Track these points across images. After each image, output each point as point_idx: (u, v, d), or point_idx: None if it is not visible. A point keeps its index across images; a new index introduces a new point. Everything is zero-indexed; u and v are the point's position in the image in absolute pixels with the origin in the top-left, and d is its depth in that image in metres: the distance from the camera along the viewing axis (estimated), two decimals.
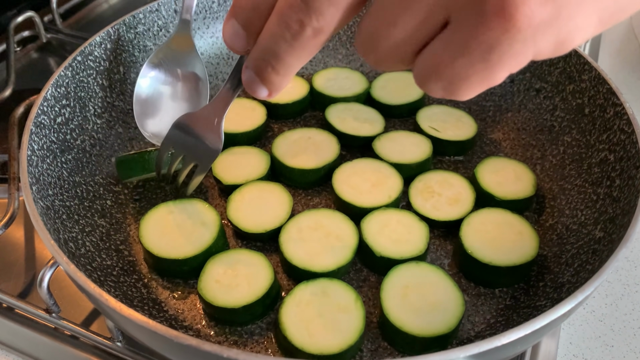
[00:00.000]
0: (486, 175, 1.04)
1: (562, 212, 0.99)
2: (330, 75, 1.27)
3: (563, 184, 1.03)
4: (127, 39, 1.14)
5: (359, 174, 1.04)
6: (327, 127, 1.15)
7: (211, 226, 0.94)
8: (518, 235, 0.93)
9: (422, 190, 1.02)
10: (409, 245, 0.92)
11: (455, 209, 0.99)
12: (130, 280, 0.91)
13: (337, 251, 0.91)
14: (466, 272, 0.93)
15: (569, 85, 1.07)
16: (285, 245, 0.91)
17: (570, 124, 1.06)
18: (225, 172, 1.04)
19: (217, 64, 1.30)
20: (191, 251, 0.90)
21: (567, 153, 1.05)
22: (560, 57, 1.08)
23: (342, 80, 1.26)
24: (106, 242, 0.95)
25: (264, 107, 1.19)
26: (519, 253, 0.90)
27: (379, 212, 0.96)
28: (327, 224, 0.94)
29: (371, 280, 0.93)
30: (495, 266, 0.88)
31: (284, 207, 0.98)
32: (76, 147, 1.01)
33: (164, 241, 0.92)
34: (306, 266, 0.88)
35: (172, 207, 0.97)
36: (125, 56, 1.14)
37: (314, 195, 1.07)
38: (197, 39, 1.28)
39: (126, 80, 1.15)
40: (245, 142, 1.14)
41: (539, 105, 1.14)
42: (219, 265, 0.89)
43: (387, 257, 0.90)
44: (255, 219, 0.96)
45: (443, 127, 1.15)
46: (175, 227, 0.94)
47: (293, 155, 1.06)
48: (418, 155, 1.08)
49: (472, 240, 0.92)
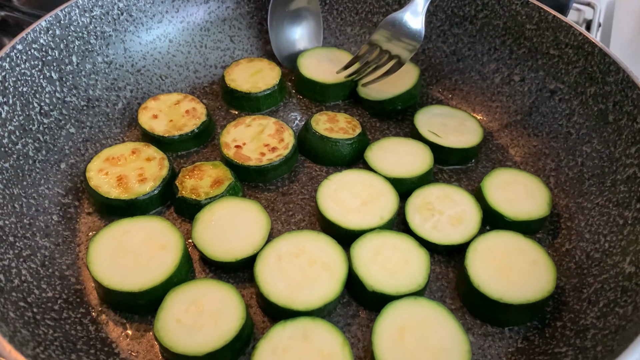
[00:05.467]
0: (494, 191, 0.91)
1: (581, 235, 0.86)
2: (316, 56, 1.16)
3: (581, 202, 0.90)
4: (81, 23, 0.98)
5: (348, 188, 0.90)
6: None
7: (173, 250, 0.79)
8: (532, 265, 0.80)
9: (421, 207, 0.89)
10: (406, 277, 0.78)
11: (459, 231, 0.86)
12: (76, 316, 0.77)
13: (323, 283, 0.77)
14: (471, 307, 0.80)
15: (590, 88, 0.93)
16: (262, 277, 0.77)
17: (590, 132, 0.93)
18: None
19: (187, 53, 1.15)
20: (148, 282, 0.76)
21: (586, 165, 0.92)
22: (580, 55, 0.94)
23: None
24: (49, 268, 0.80)
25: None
26: (533, 287, 0.77)
27: (372, 236, 0.83)
28: (311, 249, 0.81)
29: (361, 317, 0.80)
30: (506, 304, 0.75)
31: (260, 229, 0.83)
32: (16, 153, 0.85)
33: (117, 269, 0.77)
34: (286, 303, 0.74)
35: (128, 225, 0.82)
36: (79, 44, 0.98)
37: (296, 210, 0.93)
38: (165, 24, 1.12)
39: (80, 72, 0.99)
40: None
41: (554, 109, 1.00)
42: (181, 300, 0.74)
43: (381, 292, 0.76)
44: (226, 243, 0.81)
45: (444, 131, 1.01)
46: (130, 251, 0.79)
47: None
48: (417, 167, 0.94)
49: (479, 270, 0.79)
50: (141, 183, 0.90)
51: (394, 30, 0.98)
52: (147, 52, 1.10)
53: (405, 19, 0.97)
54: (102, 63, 1.03)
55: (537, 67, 1.02)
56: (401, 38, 0.98)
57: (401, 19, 0.97)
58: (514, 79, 1.06)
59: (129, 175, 0.91)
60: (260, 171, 0.94)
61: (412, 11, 0.97)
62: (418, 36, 0.97)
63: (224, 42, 1.18)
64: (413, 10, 0.97)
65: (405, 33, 0.97)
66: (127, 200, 0.88)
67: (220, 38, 1.18)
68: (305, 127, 1.01)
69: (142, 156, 0.94)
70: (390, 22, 0.98)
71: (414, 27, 0.97)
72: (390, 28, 0.98)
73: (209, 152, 1.02)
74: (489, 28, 1.08)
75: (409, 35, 0.97)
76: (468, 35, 1.11)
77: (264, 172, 0.95)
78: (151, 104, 1.03)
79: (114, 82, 1.04)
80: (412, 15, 0.97)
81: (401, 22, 0.97)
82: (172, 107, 1.03)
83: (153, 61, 1.10)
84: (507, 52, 1.07)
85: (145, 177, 0.91)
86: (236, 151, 0.96)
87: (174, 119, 1.02)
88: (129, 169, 0.92)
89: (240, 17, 1.19)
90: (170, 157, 1.00)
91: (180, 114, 1.02)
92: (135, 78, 1.08)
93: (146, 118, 1.01)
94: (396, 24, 0.97)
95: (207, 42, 1.17)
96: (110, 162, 0.92)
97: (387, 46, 1.00)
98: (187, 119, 1.02)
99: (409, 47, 0.98)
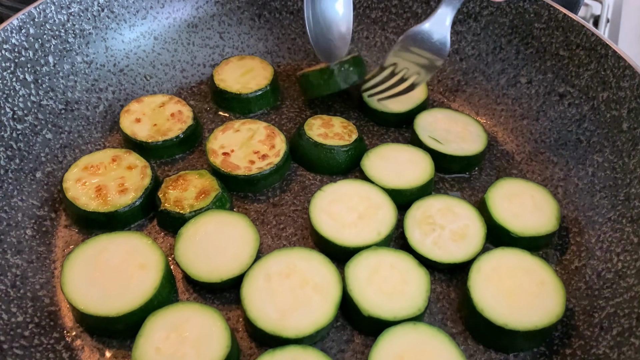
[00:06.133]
0: (499, 203, 0.85)
1: (591, 252, 0.81)
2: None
3: (592, 216, 0.84)
4: (57, 21, 0.91)
5: (343, 200, 0.84)
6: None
7: (153, 270, 0.74)
8: (539, 286, 0.75)
9: (421, 222, 0.83)
10: (405, 299, 0.73)
11: (462, 248, 0.80)
12: (48, 342, 0.71)
13: (315, 307, 0.71)
14: (474, 332, 0.75)
15: (603, 93, 0.87)
16: (249, 300, 0.71)
17: (602, 140, 0.87)
18: None
19: (174, 51, 1.08)
20: (126, 305, 0.70)
21: (597, 176, 0.86)
22: (592, 58, 0.88)
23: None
24: (20, 289, 0.74)
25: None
26: (540, 312, 0.72)
27: (368, 254, 0.77)
28: (302, 268, 0.75)
29: (356, 342, 0.74)
30: (512, 330, 0.70)
31: (248, 247, 0.78)
32: None
33: (93, 290, 0.72)
34: (275, 330, 0.69)
35: (106, 242, 0.76)
36: (56, 43, 0.92)
37: (287, 223, 0.87)
38: (149, 21, 1.05)
39: (58, 73, 0.92)
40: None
41: (563, 114, 0.94)
42: (161, 326, 0.69)
43: (377, 317, 0.71)
44: (211, 262, 0.76)
45: (446, 137, 0.95)
46: (108, 271, 0.74)
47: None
48: (416, 177, 0.88)
49: (483, 293, 0.73)
50: (122, 194, 0.84)
51: (417, 44, 0.90)
52: (131, 51, 1.03)
53: (429, 31, 0.89)
54: (82, 63, 0.96)
55: (545, 69, 0.96)
56: (425, 51, 0.90)
57: (425, 30, 0.89)
58: (520, 80, 1.00)
59: (108, 186, 0.85)
60: (249, 181, 0.88)
61: (435, 22, 0.89)
62: (442, 51, 0.89)
63: (213, 39, 1.12)
64: (437, 20, 0.89)
65: (429, 45, 0.89)
66: (107, 212, 0.82)
67: (209, 35, 1.11)
68: (298, 133, 0.95)
69: (123, 164, 0.88)
70: (412, 34, 0.90)
71: (438, 39, 0.89)
72: (413, 41, 0.90)
73: (195, 158, 0.96)
74: (494, 26, 1.01)
75: (432, 48, 0.89)
76: (472, 33, 1.05)
77: (254, 182, 0.89)
78: (134, 106, 0.97)
79: (94, 83, 0.98)
80: (436, 26, 0.89)
81: (424, 34, 0.89)
82: (156, 110, 0.97)
83: (137, 60, 1.04)
84: (513, 52, 1.00)
85: (126, 187, 0.85)
86: (224, 159, 0.90)
87: (158, 123, 0.95)
88: (109, 179, 0.86)
89: (230, 13, 1.12)
90: (154, 165, 0.94)
91: (165, 118, 0.96)
92: (117, 78, 1.01)
93: (128, 122, 0.95)
94: (419, 37, 0.89)
95: (195, 39, 1.10)
96: (88, 171, 0.86)
97: (407, 61, 0.92)
98: (172, 123, 0.95)
99: (432, 63, 0.91)
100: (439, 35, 0.89)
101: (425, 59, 0.91)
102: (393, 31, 1.12)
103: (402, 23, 1.11)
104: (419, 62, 0.91)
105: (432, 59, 0.90)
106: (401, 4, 1.09)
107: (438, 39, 0.89)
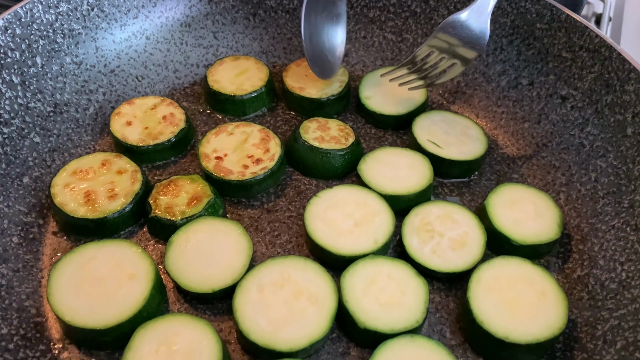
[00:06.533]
0: (499, 210, 0.82)
1: (594, 261, 0.79)
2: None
3: (595, 223, 0.82)
4: (45, 21, 0.88)
5: (339, 207, 0.81)
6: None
7: (143, 280, 0.71)
8: (541, 296, 0.72)
9: (419, 229, 0.80)
10: (402, 311, 0.70)
11: (461, 256, 0.78)
12: (34, 355, 0.69)
13: (310, 319, 0.69)
14: (474, 344, 0.73)
15: (607, 96, 0.85)
16: (241, 312, 0.69)
17: (605, 144, 0.84)
18: None
19: (166, 51, 1.05)
20: (115, 317, 0.68)
21: (600, 182, 0.83)
22: (596, 60, 0.86)
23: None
24: (5, 299, 0.72)
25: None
26: (542, 324, 0.70)
27: (365, 263, 0.75)
28: (297, 278, 0.73)
29: (352, 355, 0.72)
30: (513, 343, 0.68)
31: (240, 255, 0.75)
32: None
33: (81, 301, 0.69)
34: (268, 343, 0.67)
35: (94, 250, 0.74)
36: (44, 44, 0.89)
37: (282, 230, 0.84)
38: (141, 20, 1.02)
39: (46, 74, 0.90)
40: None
41: (565, 117, 0.91)
42: (151, 338, 0.67)
43: (374, 330, 0.68)
44: (202, 271, 0.73)
45: (445, 141, 0.92)
46: (96, 281, 0.71)
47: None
48: (415, 182, 0.85)
49: (483, 304, 0.71)
50: (111, 200, 0.82)
51: (455, 33, 0.86)
52: (122, 51, 1.00)
53: (467, 21, 0.86)
54: (71, 64, 0.94)
55: (547, 71, 0.94)
56: (462, 41, 0.86)
57: (463, 20, 0.86)
58: (521, 82, 0.97)
59: (98, 191, 0.82)
60: (242, 186, 0.86)
61: (475, 10, 0.86)
62: (482, 39, 0.86)
63: (207, 39, 1.09)
64: (477, 9, 0.86)
65: (467, 36, 0.86)
66: (96, 219, 0.80)
67: (203, 34, 1.08)
68: (293, 136, 0.92)
69: (113, 169, 0.85)
70: (450, 23, 0.86)
71: (477, 29, 0.85)
72: (451, 30, 0.86)
73: (187, 162, 0.93)
74: (495, 26, 0.99)
75: (471, 39, 0.86)
76: None
77: (247, 187, 0.86)
78: (125, 109, 0.94)
79: (84, 84, 0.95)
80: (475, 16, 0.85)
81: (463, 24, 0.86)
82: (147, 113, 0.94)
83: (128, 60, 1.01)
84: (514, 52, 0.98)
85: (115, 192, 0.82)
86: (216, 163, 0.87)
87: (150, 125, 0.93)
88: (98, 184, 0.83)
89: (225, 11, 1.09)
90: (145, 169, 0.92)
91: (156, 121, 0.93)
92: (108, 79, 0.98)
93: (119, 125, 0.92)
94: (457, 26, 0.86)
95: (188, 38, 1.07)
96: (77, 176, 0.84)
97: (445, 51, 0.89)
98: (163, 126, 0.93)
99: (471, 51, 0.87)
100: (478, 25, 0.85)
101: (462, 50, 0.87)
102: (391, 31, 1.09)
103: (400, 22, 1.08)
104: (455, 52, 0.88)
105: (469, 51, 0.87)
106: (399, 3, 1.07)
107: (476, 29, 0.85)
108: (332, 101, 0.99)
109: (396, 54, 1.10)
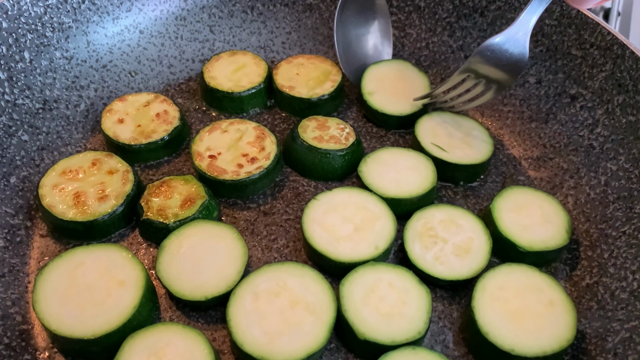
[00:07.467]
0: (505, 215, 0.79)
1: (604, 269, 0.75)
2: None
3: (605, 229, 0.78)
4: (33, 14, 0.85)
5: (339, 210, 0.78)
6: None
7: (133, 287, 0.68)
8: (548, 306, 0.69)
9: (422, 234, 0.77)
10: (404, 322, 0.67)
11: (465, 263, 0.75)
12: None
13: (307, 330, 0.66)
14: (478, 355, 0.70)
15: (618, 96, 0.81)
16: (235, 322, 0.66)
17: (616, 147, 0.81)
18: None
19: (161, 45, 1.02)
20: (103, 326, 0.65)
21: (610, 186, 0.80)
22: (608, 58, 0.82)
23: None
24: None
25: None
26: (549, 335, 0.67)
27: (365, 270, 0.72)
28: (293, 286, 0.69)
29: None
30: (519, 356, 0.65)
31: (235, 262, 0.72)
32: None
33: (68, 309, 0.66)
34: (262, 354, 0.64)
35: (82, 256, 0.71)
36: (32, 38, 0.85)
37: (278, 234, 0.81)
38: (134, 13, 0.98)
39: (35, 69, 0.86)
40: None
41: (574, 117, 0.88)
42: (140, 349, 0.64)
43: (374, 341, 0.65)
44: (195, 278, 0.70)
45: (449, 144, 0.89)
46: (84, 288, 0.68)
47: None
48: (418, 185, 0.82)
49: (488, 314, 0.68)
50: (101, 201, 0.79)
51: (492, 57, 0.82)
52: (114, 45, 0.97)
53: (505, 45, 0.81)
54: (61, 59, 0.90)
55: (556, 69, 0.90)
56: (498, 66, 0.83)
57: (500, 45, 0.81)
58: (529, 80, 0.94)
59: (87, 192, 0.79)
60: (237, 186, 0.83)
61: (513, 34, 0.81)
62: (521, 62, 0.82)
63: (203, 33, 1.05)
64: (514, 32, 0.81)
65: (505, 59, 0.82)
66: (85, 222, 0.77)
67: (199, 28, 1.05)
68: (291, 135, 0.89)
69: (104, 169, 0.82)
70: (484, 49, 0.82)
71: (515, 52, 0.81)
72: (488, 54, 0.82)
73: (181, 162, 0.90)
74: (501, 22, 0.95)
75: (510, 61, 0.82)
76: (478, 29, 0.98)
77: (242, 187, 0.83)
78: (117, 105, 0.91)
79: (75, 80, 0.92)
80: (512, 40, 0.81)
81: (501, 48, 0.81)
82: (140, 110, 0.91)
83: (121, 55, 0.97)
84: None
85: (106, 193, 0.79)
86: (210, 162, 0.84)
87: (143, 123, 0.89)
88: (88, 185, 0.80)
89: (221, 5, 1.05)
90: (138, 168, 0.88)
91: (149, 118, 0.90)
92: (100, 75, 0.95)
93: (110, 123, 0.89)
94: (495, 51, 0.82)
95: (184, 32, 1.04)
96: (67, 176, 0.80)
97: (481, 76, 0.85)
98: (157, 124, 0.89)
99: (508, 76, 0.83)
100: (515, 48, 0.81)
101: (499, 74, 0.83)
102: (394, 25, 1.05)
103: (403, 17, 1.04)
104: (493, 76, 0.84)
105: (506, 75, 0.83)
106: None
107: (513, 52, 0.81)
108: (323, 101, 0.96)
109: (399, 50, 1.06)
